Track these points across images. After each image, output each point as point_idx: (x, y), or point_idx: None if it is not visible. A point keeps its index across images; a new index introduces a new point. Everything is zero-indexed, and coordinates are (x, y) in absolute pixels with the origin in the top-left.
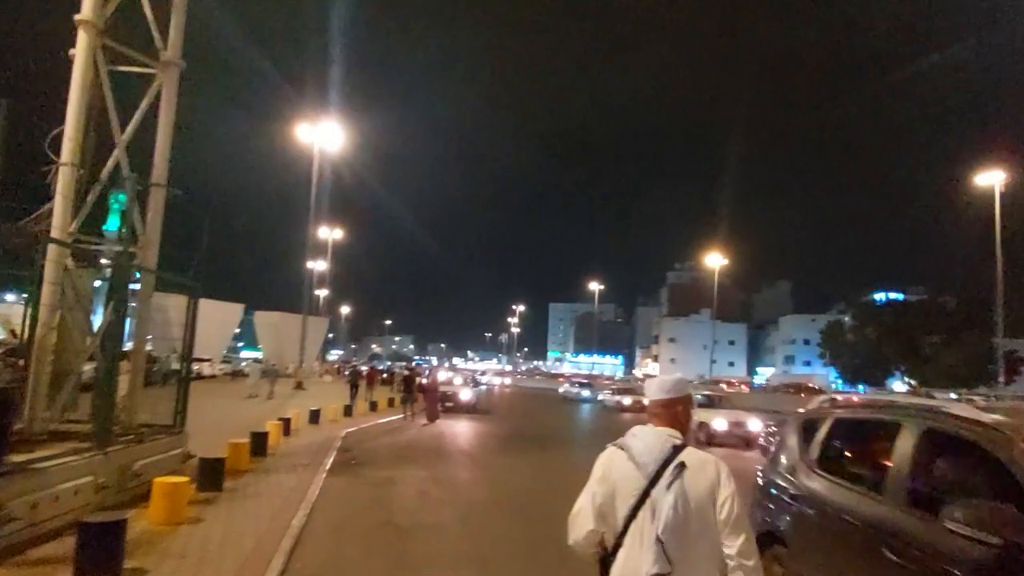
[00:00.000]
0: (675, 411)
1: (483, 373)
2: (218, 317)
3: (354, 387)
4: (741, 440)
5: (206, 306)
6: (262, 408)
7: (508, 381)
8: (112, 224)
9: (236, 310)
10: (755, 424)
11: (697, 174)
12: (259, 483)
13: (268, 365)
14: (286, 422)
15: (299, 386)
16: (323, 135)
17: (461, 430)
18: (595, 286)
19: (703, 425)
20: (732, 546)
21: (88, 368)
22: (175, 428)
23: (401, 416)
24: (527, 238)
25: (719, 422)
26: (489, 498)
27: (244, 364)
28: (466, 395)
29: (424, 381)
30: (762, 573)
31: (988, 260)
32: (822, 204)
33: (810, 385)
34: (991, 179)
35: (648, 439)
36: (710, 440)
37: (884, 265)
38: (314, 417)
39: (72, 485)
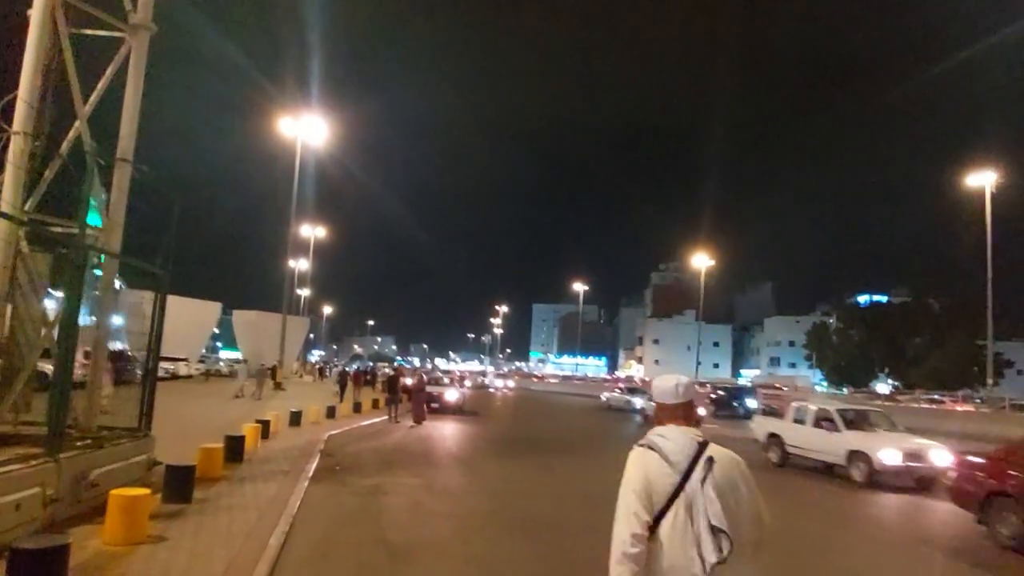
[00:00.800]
0: (692, 411)
1: (483, 375)
2: (194, 316)
3: (342, 388)
4: (918, 479)
5: (182, 305)
6: (244, 409)
7: (511, 384)
8: (93, 221)
9: (213, 309)
10: (941, 456)
11: (680, 176)
12: (233, 493)
13: (259, 366)
14: (265, 424)
15: (278, 386)
16: (304, 130)
17: (449, 432)
18: (579, 287)
19: (858, 456)
20: (754, 534)
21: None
22: (140, 432)
23: (385, 418)
24: (510, 239)
25: (889, 454)
26: (489, 510)
27: (223, 364)
28: (452, 396)
29: (410, 381)
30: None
31: (973, 262)
32: (804, 206)
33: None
34: (982, 180)
35: (677, 438)
36: (870, 479)
37: (867, 267)
38: (295, 419)
39: (14, 498)
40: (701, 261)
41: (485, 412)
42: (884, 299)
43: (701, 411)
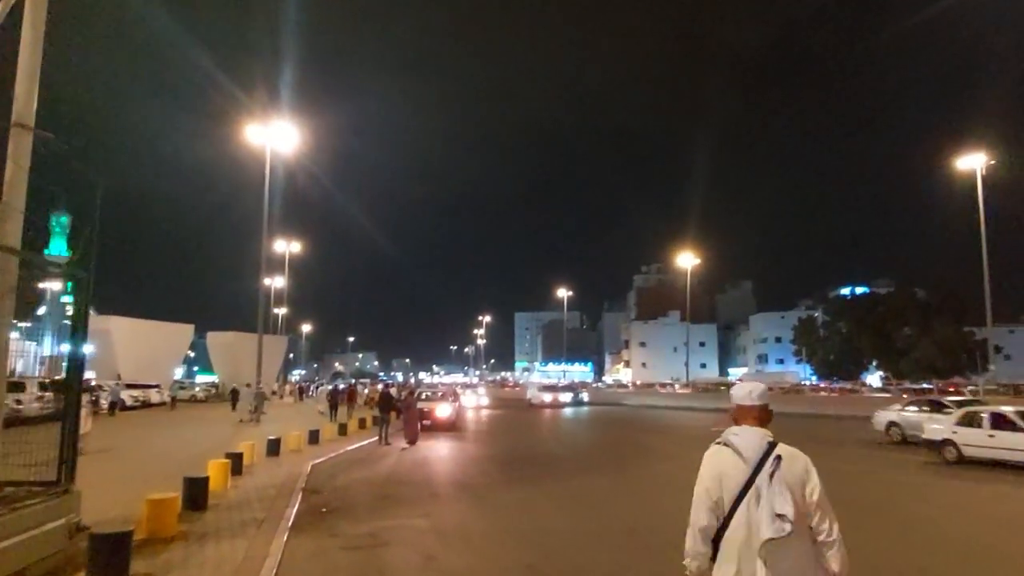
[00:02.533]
0: (766, 413)
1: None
2: (165, 340)
3: (333, 408)
4: None
5: (151, 329)
6: (222, 437)
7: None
8: (56, 248)
9: (185, 332)
10: None
11: (656, 180)
12: (188, 562)
13: (258, 388)
14: (236, 458)
15: (256, 410)
16: (274, 138)
17: (447, 454)
18: (564, 292)
19: None
20: (822, 523)
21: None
22: (58, 486)
23: (374, 440)
24: (489, 249)
25: None
26: (526, 564)
27: (199, 389)
28: (444, 411)
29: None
30: (843, 543)
31: (956, 250)
32: (780, 205)
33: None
34: (972, 163)
35: (749, 437)
36: None
37: (845, 261)
38: (273, 448)
39: None
40: (687, 260)
41: (478, 427)
42: (866, 291)
43: None
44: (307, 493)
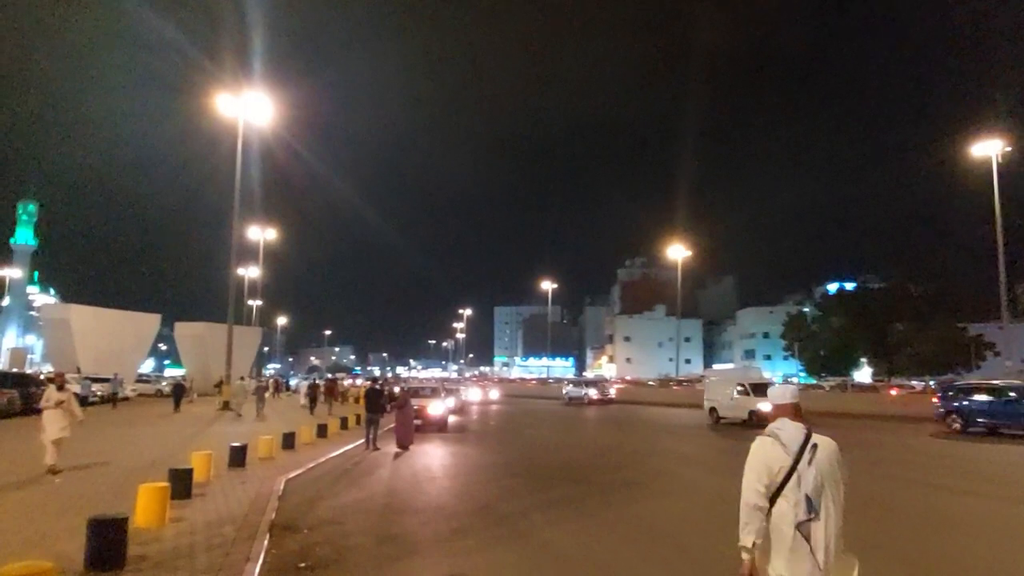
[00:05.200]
0: (798, 409)
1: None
2: (129, 330)
3: (313, 402)
4: None
5: (114, 318)
6: (183, 436)
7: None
8: (22, 236)
9: (151, 322)
10: None
11: (639, 174)
12: None
13: (258, 381)
14: (181, 477)
15: (226, 406)
16: (247, 110)
17: (450, 462)
18: (548, 285)
19: None
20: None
21: None
22: None
23: (360, 443)
24: (468, 242)
25: None
26: None
27: (165, 383)
28: (436, 409)
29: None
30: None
31: (952, 246)
32: (763, 201)
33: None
34: (988, 149)
35: (789, 429)
36: None
37: (828, 257)
38: (238, 457)
39: None
40: (677, 252)
41: (475, 427)
42: (854, 286)
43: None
44: (278, 532)
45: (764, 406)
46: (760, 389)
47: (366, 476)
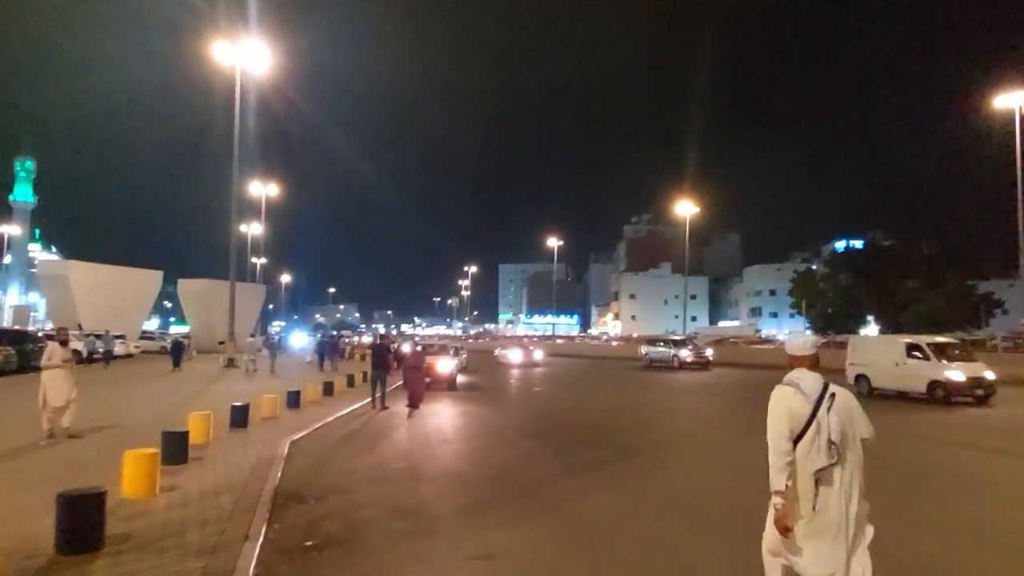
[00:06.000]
0: (817, 360)
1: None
2: (131, 286)
3: (321, 359)
4: None
5: (116, 274)
6: (175, 399)
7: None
8: (21, 194)
9: (153, 278)
10: None
11: (645, 131)
12: None
13: (271, 338)
14: (176, 441)
15: (231, 363)
16: (246, 58)
17: (463, 423)
18: (554, 242)
19: None
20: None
21: None
22: None
23: (367, 402)
24: (472, 200)
25: None
26: None
27: (167, 339)
28: (446, 367)
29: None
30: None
31: (966, 201)
32: (767, 157)
33: None
34: (1011, 101)
35: (808, 379)
36: None
37: (833, 214)
38: (240, 417)
39: None
40: (685, 209)
41: (484, 385)
42: (861, 244)
43: None
44: (281, 503)
45: (955, 375)
46: (948, 351)
47: (376, 438)
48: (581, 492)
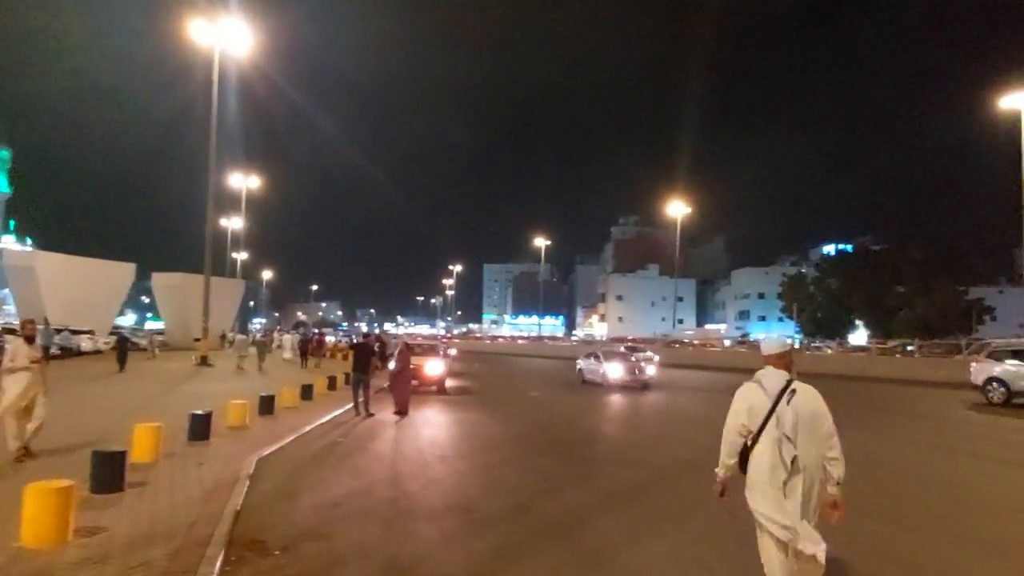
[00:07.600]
0: (787, 360)
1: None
2: (102, 279)
3: (304, 357)
4: None
5: (85, 267)
6: (137, 402)
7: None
8: None
9: (125, 271)
10: None
11: (632, 131)
12: None
13: (258, 335)
14: (112, 461)
15: (204, 361)
16: (225, 40)
17: (460, 433)
18: (541, 242)
19: None
20: (830, 440)
21: None
22: None
23: (350, 408)
24: (458, 198)
25: None
26: None
27: (141, 336)
28: (435, 368)
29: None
30: (843, 458)
31: (956, 208)
32: (754, 161)
33: None
34: (1015, 103)
35: (772, 376)
36: None
37: (819, 219)
38: (200, 428)
39: None
40: (676, 210)
41: (468, 388)
42: (849, 248)
43: None
44: (236, 554)
45: None
46: None
47: (360, 453)
48: (631, 536)
